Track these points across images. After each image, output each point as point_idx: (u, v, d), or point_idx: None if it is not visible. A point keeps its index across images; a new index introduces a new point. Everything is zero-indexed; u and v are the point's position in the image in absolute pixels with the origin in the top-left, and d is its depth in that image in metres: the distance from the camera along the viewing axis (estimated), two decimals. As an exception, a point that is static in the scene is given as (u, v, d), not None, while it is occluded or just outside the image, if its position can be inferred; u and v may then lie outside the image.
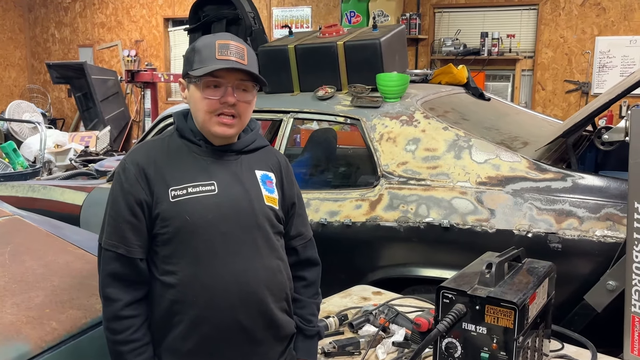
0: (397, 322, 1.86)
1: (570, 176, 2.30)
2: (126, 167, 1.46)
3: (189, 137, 1.51)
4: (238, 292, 1.45)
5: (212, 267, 1.44)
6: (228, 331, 1.45)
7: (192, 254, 1.43)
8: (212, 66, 1.43)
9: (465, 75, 3.43)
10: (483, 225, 2.31)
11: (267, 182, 1.57)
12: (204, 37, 1.52)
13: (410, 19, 7.04)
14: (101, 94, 8.24)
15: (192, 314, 1.43)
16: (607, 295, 2.05)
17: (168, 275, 1.44)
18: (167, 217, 1.43)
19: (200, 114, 1.47)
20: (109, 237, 1.44)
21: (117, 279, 1.42)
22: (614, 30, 6.44)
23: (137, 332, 1.42)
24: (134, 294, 1.43)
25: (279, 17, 8.17)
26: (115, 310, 1.41)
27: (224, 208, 1.46)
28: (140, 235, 1.43)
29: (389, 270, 2.52)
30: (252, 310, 1.47)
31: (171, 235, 1.43)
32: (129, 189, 1.43)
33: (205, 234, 1.44)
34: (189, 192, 1.45)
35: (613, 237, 2.12)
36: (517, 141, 2.70)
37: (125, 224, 1.42)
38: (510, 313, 1.34)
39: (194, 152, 1.50)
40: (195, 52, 1.47)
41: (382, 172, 2.57)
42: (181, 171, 1.47)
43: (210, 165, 1.50)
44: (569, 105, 6.75)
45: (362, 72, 2.90)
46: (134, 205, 1.43)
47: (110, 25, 9.63)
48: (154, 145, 1.53)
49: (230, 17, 3.34)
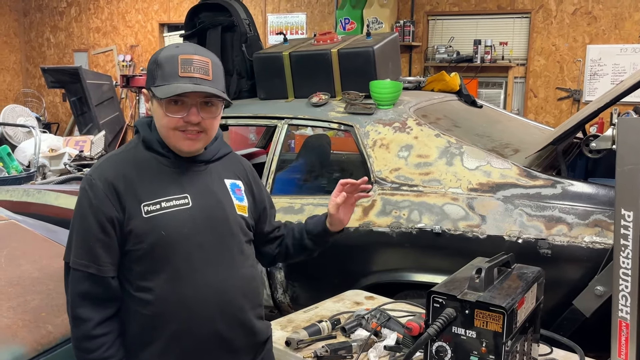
0: (389, 327, 1.88)
1: (560, 183, 2.33)
2: (93, 182, 1.40)
3: (156, 149, 1.47)
4: (217, 303, 1.45)
5: (190, 280, 1.42)
6: (207, 342, 1.45)
7: (170, 268, 1.41)
8: (173, 85, 1.38)
9: (458, 82, 3.47)
10: (474, 231, 2.34)
11: (237, 191, 1.57)
12: (166, 48, 1.47)
13: (404, 26, 7.09)
14: (96, 99, 8.23)
15: (171, 329, 1.42)
16: (595, 301, 2.08)
17: (144, 291, 1.41)
18: (141, 233, 1.39)
19: (164, 130, 1.44)
20: (78, 257, 1.39)
21: (88, 299, 1.38)
22: (605, 39, 6.51)
23: (110, 349, 1.39)
24: (105, 312, 1.40)
25: (274, 24, 8.20)
26: (87, 330, 1.37)
27: (198, 220, 1.45)
28: (111, 253, 1.40)
29: (381, 275, 2.55)
30: (231, 319, 1.47)
31: (146, 251, 1.40)
32: (98, 206, 1.38)
33: (182, 248, 1.42)
34: (163, 207, 1.42)
35: (601, 243, 2.16)
36: (508, 148, 2.74)
37: (95, 242, 1.38)
38: (499, 317, 1.37)
39: (163, 164, 1.47)
40: (158, 65, 1.42)
41: (375, 178, 2.60)
42: (152, 185, 1.43)
43: (181, 177, 1.47)
44: (561, 112, 6.81)
45: (356, 79, 2.94)
46: (105, 222, 1.38)
47: (106, 30, 9.64)
48: (121, 158, 1.48)
49: (226, 23, 3.37)
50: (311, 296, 2.67)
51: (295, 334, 1.82)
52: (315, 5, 7.97)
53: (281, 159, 2.95)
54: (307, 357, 1.74)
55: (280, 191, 2.92)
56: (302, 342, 1.80)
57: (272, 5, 8.25)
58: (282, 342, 1.80)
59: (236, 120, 3.01)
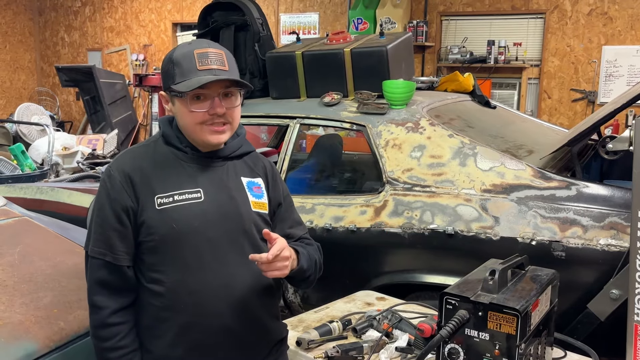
0: (401, 328, 1.87)
1: (574, 185, 2.31)
2: (112, 174, 1.45)
3: (175, 143, 1.51)
4: (226, 298, 1.46)
5: (199, 274, 1.44)
6: (217, 336, 1.46)
7: (179, 261, 1.43)
8: (194, 79, 1.40)
9: (471, 83, 3.44)
10: (487, 233, 2.32)
11: (254, 188, 1.57)
12: (179, 46, 1.49)
13: (417, 27, 7.06)
14: (109, 98, 8.29)
15: (180, 321, 1.44)
16: (610, 304, 2.05)
17: (155, 283, 1.44)
18: (153, 224, 1.42)
19: (190, 126, 1.46)
20: (96, 245, 1.43)
21: (105, 287, 1.42)
22: (620, 40, 6.44)
23: (125, 339, 1.42)
24: (121, 301, 1.43)
25: (287, 23, 8.21)
26: (103, 318, 1.41)
27: (210, 215, 1.46)
28: (127, 242, 1.43)
29: (393, 276, 2.53)
30: (241, 315, 1.48)
31: (157, 243, 1.43)
32: (115, 197, 1.43)
33: (192, 242, 1.44)
34: (175, 200, 1.44)
35: (617, 246, 2.13)
36: (522, 149, 2.71)
37: (112, 231, 1.42)
38: (512, 320, 1.35)
39: (180, 159, 1.50)
40: (175, 64, 1.44)
41: (387, 179, 2.59)
42: (167, 178, 1.46)
43: (196, 172, 1.49)
44: (575, 114, 6.75)
45: (369, 79, 2.93)
46: (121, 212, 1.42)
47: (119, 29, 9.70)
48: (140, 151, 1.52)
49: (239, 23, 3.37)
50: (322, 296, 2.66)
51: (306, 334, 1.82)
52: (328, 5, 7.97)
53: (293, 158, 2.95)
54: (318, 357, 1.73)
55: (292, 191, 2.88)
56: (313, 342, 1.79)
57: (284, 5, 8.25)
58: (293, 342, 1.80)
59: (248, 120, 3.01)
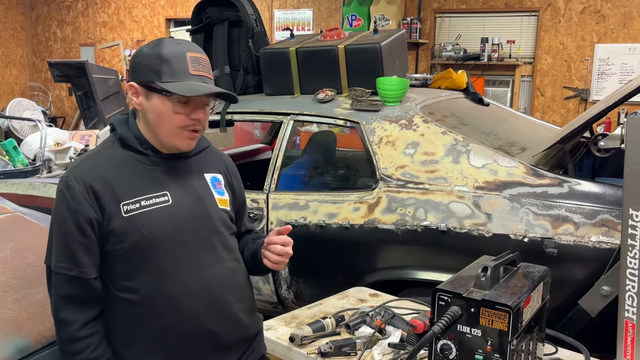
0: (394, 324, 1.88)
1: (567, 182, 2.32)
2: (70, 184, 1.38)
3: (134, 146, 1.45)
4: (203, 298, 1.44)
5: (174, 278, 1.42)
6: (195, 339, 1.45)
7: (153, 267, 1.40)
8: (188, 83, 1.38)
9: (465, 80, 3.45)
10: (480, 230, 2.33)
11: (217, 185, 1.56)
12: (166, 42, 1.43)
13: (411, 23, 7.07)
14: (102, 93, 8.24)
15: (157, 327, 1.41)
16: (601, 301, 2.07)
17: (127, 291, 1.41)
18: (122, 232, 1.38)
19: (169, 128, 1.42)
20: (59, 260, 1.37)
21: (71, 301, 1.37)
22: (613, 38, 6.47)
23: (96, 350, 1.39)
24: (90, 314, 1.39)
25: (281, 20, 8.19)
26: (72, 333, 1.37)
27: (179, 217, 1.44)
28: (92, 254, 1.38)
29: (386, 273, 2.54)
30: (218, 314, 1.47)
31: (127, 250, 1.39)
32: (76, 208, 1.36)
33: (164, 246, 1.41)
34: (143, 206, 1.40)
35: (608, 243, 2.14)
36: (515, 146, 2.72)
37: (75, 244, 1.36)
38: (504, 316, 1.36)
39: (142, 162, 1.45)
40: (163, 61, 1.39)
41: (380, 175, 2.59)
42: (131, 184, 1.41)
43: (160, 174, 1.46)
44: (568, 111, 6.78)
45: (363, 76, 2.93)
46: (84, 224, 1.36)
47: (112, 24, 9.65)
48: (97, 158, 1.45)
49: (232, 19, 3.36)
50: (315, 293, 2.67)
51: (299, 330, 1.82)
52: (322, 2, 7.95)
53: (286, 155, 2.95)
54: (311, 353, 1.73)
55: (286, 187, 2.92)
56: (306, 338, 1.79)
57: (278, 1, 8.23)
58: (286, 338, 1.80)
59: (242, 116, 3.00)
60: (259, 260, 1.59)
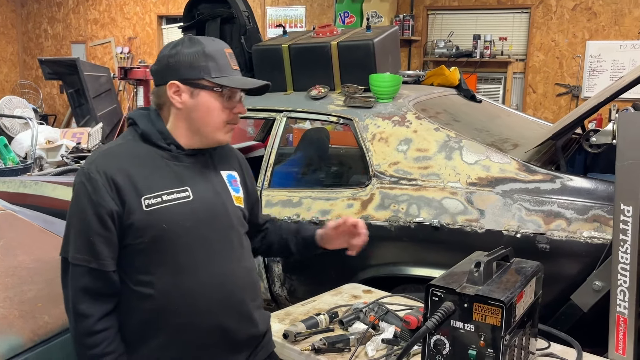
0: (387, 320, 1.88)
1: (559, 178, 2.33)
2: (91, 176, 1.37)
3: (156, 142, 1.46)
4: (219, 296, 1.45)
5: (192, 274, 1.42)
6: (210, 336, 1.45)
7: (172, 262, 1.40)
8: (237, 77, 1.45)
9: (457, 77, 3.46)
10: (473, 226, 2.33)
11: (233, 182, 1.57)
12: (203, 40, 1.45)
13: (403, 20, 7.08)
14: (93, 91, 8.20)
15: (173, 323, 1.41)
16: (593, 295, 2.08)
17: (144, 285, 1.40)
18: (142, 226, 1.37)
19: (217, 123, 1.45)
20: (78, 252, 1.36)
21: (89, 294, 1.37)
22: (604, 35, 6.50)
23: (112, 344, 1.38)
24: (106, 307, 1.39)
25: (273, 17, 8.18)
26: (89, 326, 1.36)
27: (200, 213, 1.44)
28: (112, 247, 1.38)
29: (379, 269, 2.55)
30: (233, 312, 1.47)
31: (147, 245, 1.39)
32: (97, 200, 1.35)
33: (184, 242, 1.41)
34: (164, 200, 1.40)
35: (600, 238, 2.16)
36: (507, 143, 2.73)
37: (96, 237, 1.36)
38: (497, 311, 1.36)
39: (163, 157, 1.45)
40: (209, 58, 1.42)
41: (373, 172, 2.59)
42: (152, 178, 1.41)
43: (181, 170, 1.46)
44: (560, 108, 6.81)
45: (355, 72, 2.92)
46: (105, 217, 1.36)
47: (104, 21, 9.60)
48: (119, 151, 1.45)
49: (225, 15, 3.35)
50: (309, 289, 2.66)
51: (293, 326, 1.82)
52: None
53: (279, 152, 2.94)
54: (305, 349, 1.73)
55: (279, 184, 2.91)
56: (300, 334, 1.79)
57: (271, -2, 8.22)
58: (280, 335, 1.80)
59: (235, 113, 2.99)
60: (315, 241, 1.71)
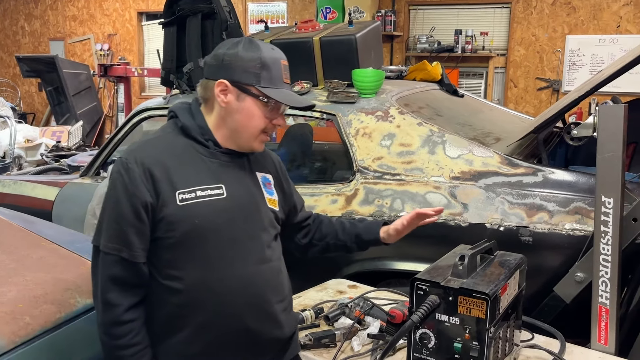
0: (372, 315, 1.88)
1: (541, 171, 2.35)
2: (129, 166, 1.38)
3: (196, 137, 1.47)
4: (246, 296, 1.44)
5: (220, 272, 1.42)
6: (234, 335, 1.45)
7: (201, 258, 1.40)
8: (286, 92, 1.47)
9: (440, 72, 3.47)
10: (456, 219, 2.35)
11: (267, 185, 1.58)
12: (262, 46, 1.46)
13: (385, 16, 7.08)
14: (73, 88, 8.10)
15: (198, 319, 1.41)
16: (575, 287, 2.10)
17: (173, 280, 1.40)
18: (174, 220, 1.38)
19: (254, 130, 1.47)
20: (110, 241, 1.37)
21: (118, 283, 1.37)
22: (583, 29, 6.57)
23: (137, 336, 1.38)
24: (134, 298, 1.39)
25: (255, 12, 8.13)
26: (117, 316, 1.36)
27: (232, 212, 1.45)
28: (143, 238, 1.38)
29: (364, 264, 2.55)
30: (259, 312, 1.47)
31: (178, 239, 1.39)
32: (133, 191, 1.36)
33: (214, 239, 1.41)
34: (198, 196, 1.41)
35: (581, 230, 2.18)
36: (489, 137, 2.75)
37: (129, 227, 1.36)
38: (482, 304, 1.37)
39: (201, 153, 1.46)
40: (264, 67, 1.43)
41: (357, 167, 2.59)
42: (188, 173, 1.42)
43: (217, 167, 1.47)
44: (540, 102, 6.88)
45: (338, 68, 2.92)
46: (139, 208, 1.36)
47: (82, 18, 9.47)
48: (158, 143, 1.46)
49: (206, 11, 3.31)
50: (294, 285, 2.64)
51: (279, 323, 1.81)
52: (296, -6, 7.92)
53: (263, 148, 2.92)
54: (291, 346, 1.73)
55: (262, 181, 2.89)
56: (286, 331, 1.79)
57: (252, -6, 8.17)
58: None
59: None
60: (378, 242, 1.75)
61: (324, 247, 1.79)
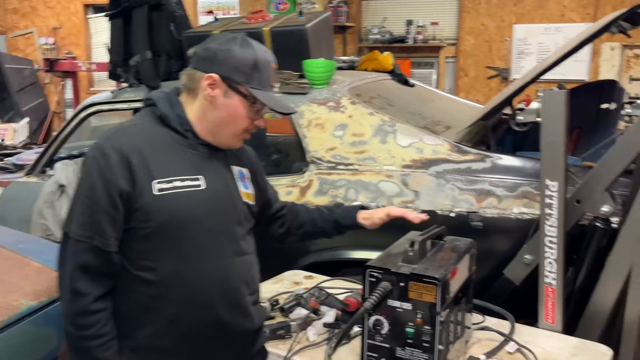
0: (328, 304, 1.89)
1: (489, 157, 2.40)
2: (106, 152, 1.34)
3: (174, 126, 1.44)
4: (219, 288, 1.44)
5: (195, 264, 1.41)
6: (207, 328, 1.44)
7: (177, 250, 1.39)
8: (272, 96, 1.48)
9: (391, 62, 3.49)
10: (408, 207, 2.38)
11: (242, 178, 1.58)
12: (257, 47, 1.46)
13: (337, 7, 7.09)
14: (17, 84, 7.80)
15: (171, 311, 1.39)
16: (524, 269, 2.16)
17: (146, 270, 1.37)
18: (150, 211, 1.35)
19: (235, 129, 1.47)
20: (82, 228, 1.33)
21: (88, 272, 1.33)
22: (530, 19, 6.74)
23: (105, 326, 1.35)
24: (103, 288, 1.36)
25: (205, 3, 8.00)
26: (85, 305, 1.33)
27: (209, 204, 1.43)
28: (117, 227, 1.35)
29: (320, 254, 2.56)
30: (232, 304, 1.47)
31: (153, 230, 1.36)
32: (109, 178, 1.33)
33: (191, 231, 1.40)
34: (176, 187, 1.38)
35: (529, 213, 2.24)
36: (439, 125, 2.79)
37: (103, 215, 1.33)
38: (432, 288, 1.40)
39: (178, 142, 1.44)
40: (256, 68, 1.43)
41: (311, 158, 2.59)
42: (166, 163, 1.40)
43: (196, 159, 1.45)
44: (491, 90, 7.03)
45: (289, 59, 2.89)
46: (115, 195, 1.33)
47: (24, 11, 9.11)
48: (136, 131, 1.43)
49: (152, 2, 3.23)
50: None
51: (234, 316, 1.80)
52: (247, -15, 7.83)
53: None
54: (246, 339, 1.72)
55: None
56: (241, 324, 1.78)
57: (202, -15, 8.03)
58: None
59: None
60: (357, 226, 1.81)
61: (302, 235, 1.84)
